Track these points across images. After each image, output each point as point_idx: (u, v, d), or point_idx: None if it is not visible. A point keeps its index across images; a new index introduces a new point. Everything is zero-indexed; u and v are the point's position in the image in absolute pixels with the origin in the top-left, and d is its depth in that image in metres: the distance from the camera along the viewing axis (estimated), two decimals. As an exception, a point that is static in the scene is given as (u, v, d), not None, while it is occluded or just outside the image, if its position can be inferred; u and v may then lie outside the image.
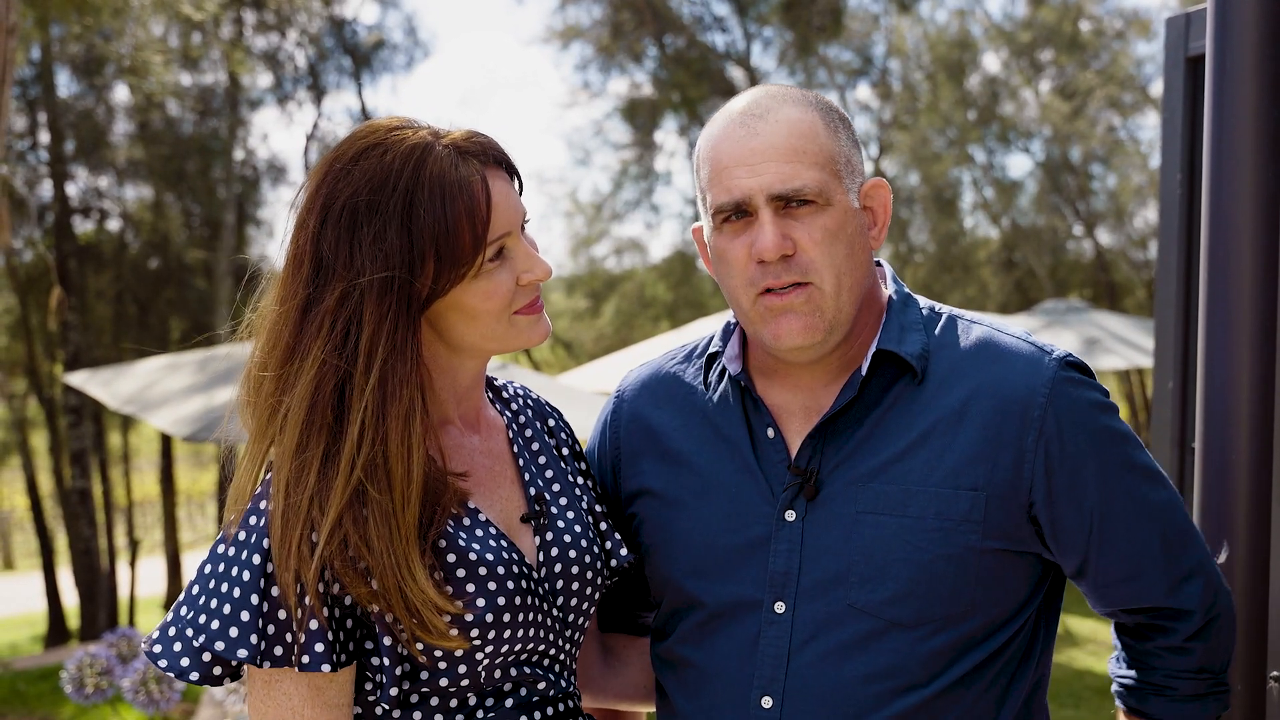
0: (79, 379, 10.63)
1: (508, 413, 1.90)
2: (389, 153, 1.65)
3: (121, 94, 17.58)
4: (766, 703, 1.74)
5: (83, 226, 18.23)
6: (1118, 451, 1.76)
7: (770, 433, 1.83)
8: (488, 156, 1.71)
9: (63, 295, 14.23)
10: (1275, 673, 2.07)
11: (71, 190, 17.70)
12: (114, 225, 18.57)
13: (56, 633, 16.47)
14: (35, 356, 17.80)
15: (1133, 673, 1.89)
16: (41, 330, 17.73)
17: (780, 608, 1.76)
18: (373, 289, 1.61)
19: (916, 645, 1.72)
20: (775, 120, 1.74)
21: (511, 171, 1.75)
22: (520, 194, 1.76)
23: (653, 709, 2.00)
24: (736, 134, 1.75)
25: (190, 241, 18.67)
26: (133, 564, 17.46)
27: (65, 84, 17.53)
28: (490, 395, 1.90)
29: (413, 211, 1.62)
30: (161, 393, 9.20)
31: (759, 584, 1.78)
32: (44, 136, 17.09)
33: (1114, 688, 1.93)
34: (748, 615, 1.78)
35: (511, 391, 1.94)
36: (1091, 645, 10.32)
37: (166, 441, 18.00)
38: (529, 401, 1.95)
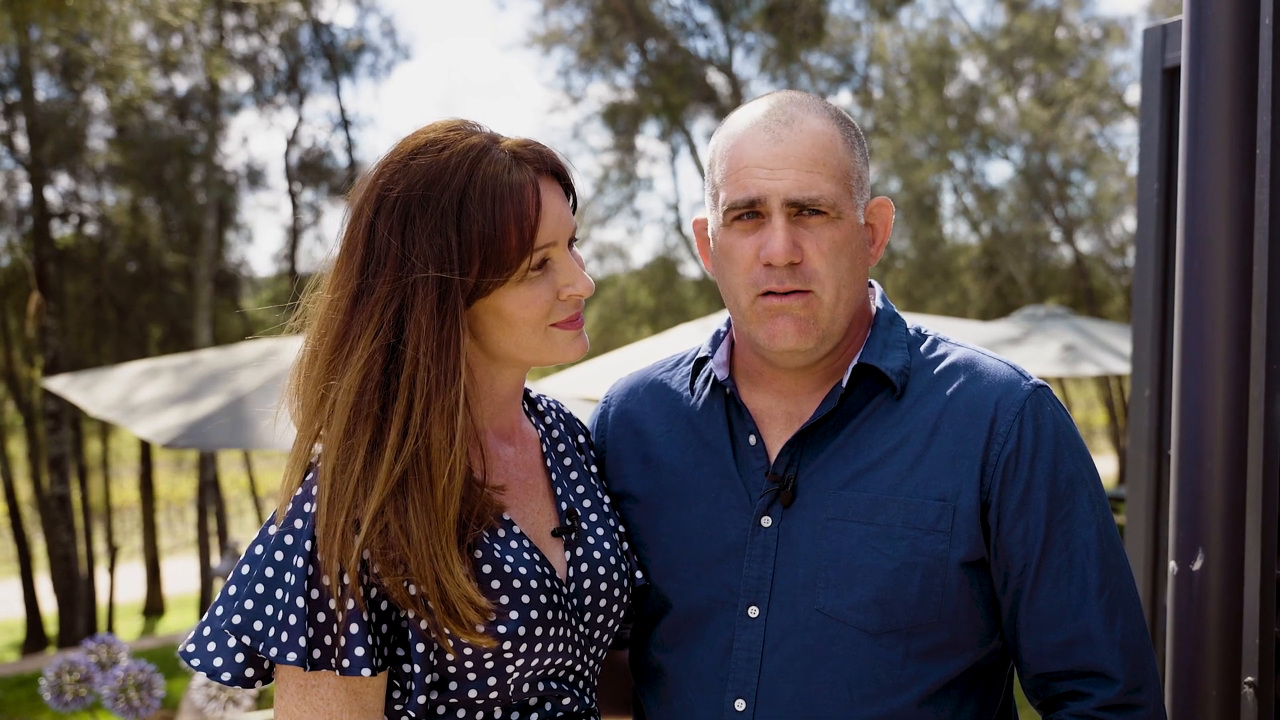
0: (59, 384, 10.54)
1: (542, 426, 1.90)
2: (446, 150, 1.66)
3: (100, 98, 17.50)
4: (739, 705, 1.76)
5: (61, 231, 18.13)
6: (1075, 486, 1.75)
7: (752, 440, 1.84)
8: (544, 165, 1.71)
9: (41, 300, 14.15)
10: (1250, 679, 2.09)
11: (50, 194, 17.61)
12: (93, 230, 18.47)
13: (34, 639, 16.36)
14: (13, 361, 17.69)
15: None
16: (20, 335, 17.63)
17: (754, 612, 1.77)
18: (424, 284, 1.62)
19: (883, 653, 1.72)
20: (800, 129, 1.77)
21: (567, 186, 1.75)
22: (574, 210, 1.76)
23: None
24: (761, 137, 1.77)
25: (169, 246, 18.59)
26: (111, 570, 17.38)
27: (44, 88, 17.46)
28: (525, 407, 1.90)
29: (464, 210, 1.63)
30: (142, 399, 9.13)
31: (734, 588, 1.79)
32: (22, 141, 17.00)
33: None
34: (722, 619, 1.79)
35: (546, 404, 1.94)
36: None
37: (146, 447, 17.91)
38: (562, 415, 1.95)
